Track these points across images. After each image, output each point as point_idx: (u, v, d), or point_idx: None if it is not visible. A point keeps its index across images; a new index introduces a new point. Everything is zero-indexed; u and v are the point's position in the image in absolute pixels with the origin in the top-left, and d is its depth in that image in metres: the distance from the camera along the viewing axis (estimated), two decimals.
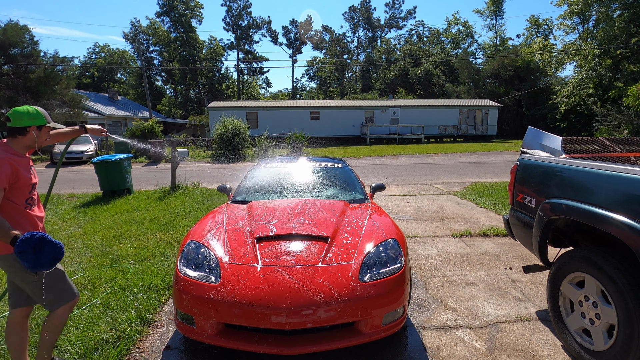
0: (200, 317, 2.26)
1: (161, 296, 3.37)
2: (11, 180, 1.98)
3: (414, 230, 5.48)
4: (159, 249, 4.56)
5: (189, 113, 49.37)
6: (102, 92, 40.00)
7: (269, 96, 64.37)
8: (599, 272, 2.16)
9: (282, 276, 2.29)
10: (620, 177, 2.08)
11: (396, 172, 12.79)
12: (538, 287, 3.53)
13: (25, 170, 2.07)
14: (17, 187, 2.04)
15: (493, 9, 44.11)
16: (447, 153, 19.61)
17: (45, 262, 1.80)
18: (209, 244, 2.65)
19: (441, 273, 3.90)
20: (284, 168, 4.45)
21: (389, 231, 2.82)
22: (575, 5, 27.72)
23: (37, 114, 2.14)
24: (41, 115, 2.15)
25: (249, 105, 30.33)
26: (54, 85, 20.21)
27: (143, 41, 50.20)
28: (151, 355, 2.55)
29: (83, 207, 7.29)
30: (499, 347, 2.58)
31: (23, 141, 2.12)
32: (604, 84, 26.68)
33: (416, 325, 2.87)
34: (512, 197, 3.18)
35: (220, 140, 19.40)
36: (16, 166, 2.01)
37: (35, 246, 1.78)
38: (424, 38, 57.65)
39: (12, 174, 1.98)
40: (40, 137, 2.17)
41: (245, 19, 55.20)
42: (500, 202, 7.12)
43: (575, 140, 3.29)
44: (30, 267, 1.78)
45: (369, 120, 28.56)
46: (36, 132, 2.13)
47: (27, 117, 2.10)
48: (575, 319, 2.43)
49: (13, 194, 2.04)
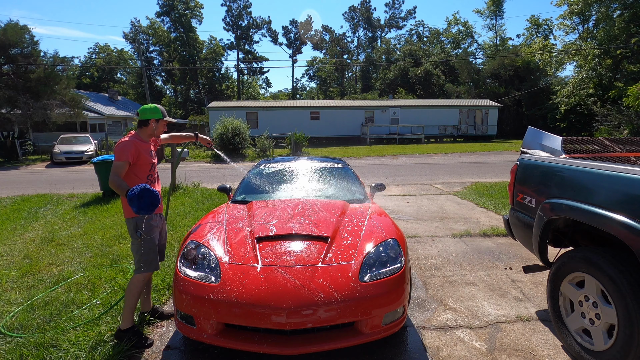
0: (200, 317, 2.26)
1: (161, 296, 3.37)
2: (135, 158, 2.59)
3: (414, 230, 5.48)
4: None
5: (189, 113, 49.36)
6: (102, 92, 40.00)
7: (269, 96, 64.37)
8: (599, 272, 2.16)
9: (282, 276, 2.29)
10: (620, 177, 2.08)
11: (396, 172, 12.79)
12: (538, 287, 3.53)
13: (146, 153, 2.67)
14: (140, 165, 2.64)
15: (493, 9, 44.08)
16: (447, 153, 19.61)
17: (144, 206, 2.30)
18: (209, 244, 2.65)
19: (441, 273, 3.90)
20: (284, 168, 4.44)
21: (389, 231, 2.82)
22: (575, 5, 27.69)
23: (156, 109, 2.75)
24: (159, 110, 2.76)
25: (249, 105, 30.32)
26: (54, 85, 20.18)
27: (143, 41, 50.17)
28: (151, 355, 2.55)
29: (83, 207, 7.29)
30: (499, 347, 2.58)
31: (146, 131, 2.75)
32: (604, 84, 26.66)
33: (416, 325, 2.87)
34: (512, 197, 3.18)
35: (220, 140, 19.40)
36: (139, 149, 2.62)
37: (139, 194, 2.28)
38: (424, 38, 57.62)
39: (135, 154, 2.59)
40: (158, 128, 2.79)
41: (245, 19, 55.18)
42: (500, 202, 7.12)
43: (575, 140, 3.29)
44: (136, 210, 2.29)
45: (369, 120, 28.56)
46: (155, 123, 2.75)
47: (149, 112, 2.73)
48: (575, 319, 2.43)
49: (137, 170, 2.64)
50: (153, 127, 2.74)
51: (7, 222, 6.18)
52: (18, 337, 2.67)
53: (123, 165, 2.51)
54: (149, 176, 2.71)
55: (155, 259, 2.68)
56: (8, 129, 20.62)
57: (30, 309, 3.09)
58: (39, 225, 5.99)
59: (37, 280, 3.73)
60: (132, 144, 2.59)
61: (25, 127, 21.76)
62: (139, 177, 2.64)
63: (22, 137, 21.04)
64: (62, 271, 3.96)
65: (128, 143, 2.58)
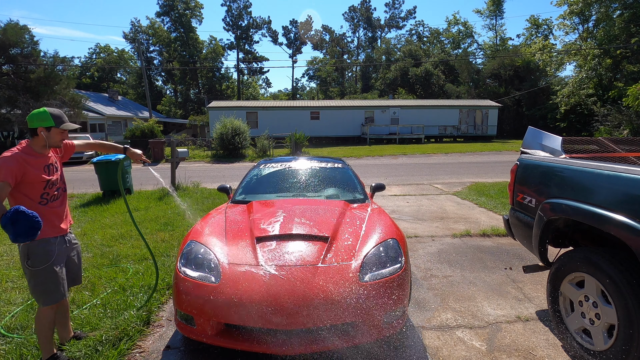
0: (200, 317, 2.25)
1: (161, 296, 3.37)
2: (18, 176, 2.10)
3: (414, 230, 5.48)
4: (159, 249, 4.55)
5: (189, 113, 49.37)
6: (102, 92, 40.01)
7: (269, 96, 64.36)
8: (599, 272, 2.16)
9: (282, 276, 2.29)
10: (620, 177, 2.08)
11: (396, 172, 12.79)
12: (538, 287, 3.53)
13: (36, 168, 2.19)
14: (27, 183, 2.17)
15: (493, 9, 44.08)
16: (447, 153, 19.61)
17: (21, 232, 1.89)
18: (209, 244, 2.65)
19: (441, 273, 3.90)
20: (284, 168, 4.44)
21: (389, 231, 2.82)
22: (575, 5, 27.70)
23: (44, 114, 2.22)
24: (49, 116, 2.22)
25: (249, 105, 30.33)
26: (54, 85, 20.20)
27: (143, 41, 50.18)
28: (151, 355, 2.55)
29: (83, 207, 7.28)
30: (499, 347, 2.58)
31: (37, 141, 2.24)
32: (604, 84, 26.66)
33: (416, 325, 2.87)
34: (512, 197, 3.18)
35: (220, 140, 19.41)
36: (25, 164, 2.14)
37: (11, 218, 1.86)
38: (424, 38, 57.62)
39: (19, 171, 2.10)
40: (51, 137, 2.26)
41: (245, 19, 55.19)
42: (500, 202, 7.12)
43: (575, 140, 3.29)
44: (12, 238, 1.89)
45: (369, 120, 28.56)
46: (45, 132, 2.22)
47: (36, 119, 2.21)
48: (575, 319, 2.43)
49: (26, 189, 2.19)
50: (44, 137, 2.22)
51: None
52: (18, 337, 2.67)
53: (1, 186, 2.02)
54: (44, 195, 2.25)
55: (56, 290, 2.26)
56: (8, 129, 20.63)
57: (30, 309, 3.09)
58: None
59: None
60: (14, 159, 2.10)
61: (25, 127, 21.75)
62: (29, 197, 2.19)
63: (22, 137, 21.05)
64: None
65: (8, 159, 2.09)
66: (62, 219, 2.38)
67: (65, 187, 2.46)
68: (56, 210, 2.33)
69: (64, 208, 2.42)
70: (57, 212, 2.33)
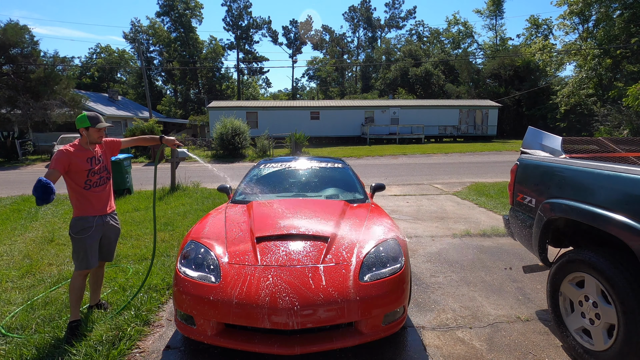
0: (200, 317, 2.25)
1: (161, 296, 3.37)
2: (65, 167, 2.65)
3: (414, 230, 5.48)
4: (159, 249, 4.55)
5: (189, 113, 49.36)
6: (102, 92, 39.96)
7: (269, 96, 64.34)
8: (599, 272, 2.16)
9: (282, 276, 2.29)
10: (620, 177, 2.08)
11: (396, 172, 12.79)
12: (538, 287, 3.53)
13: (79, 160, 2.73)
14: (74, 172, 2.72)
15: (493, 9, 44.06)
16: (447, 153, 19.61)
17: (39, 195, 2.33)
18: (209, 244, 2.65)
19: (441, 273, 3.90)
20: (284, 168, 4.44)
21: (389, 231, 2.82)
22: (575, 5, 27.67)
23: (83, 118, 2.79)
24: (86, 119, 2.78)
25: (249, 105, 30.32)
26: (54, 85, 20.18)
27: (143, 41, 50.17)
28: (151, 355, 2.55)
29: None
30: (499, 347, 2.58)
31: (83, 139, 2.82)
32: (604, 84, 26.67)
33: (416, 325, 2.87)
34: (512, 197, 3.18)
35: (220, 140, 19.40)
36: (71, 157, 2.68)
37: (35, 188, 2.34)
38: (424, 38, 57.60)
39: (66, 162, 2.65)
40: (90, 135, 2.81)
41: (245, 19, 55.18)
42: (500, 202, 7.12)
43: (575, 140, 3.29)
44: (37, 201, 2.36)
45: (369, 120, 28.55)
46: (85, 132, 2.79)
47: (78, 122, 2.80)
48: (575, 319, 2.43)
49: (73, 177, 2.73)
50: (85, 135, 2.79)
51: (7, 222, 6.18)
52: (18, 337, 2.67)
53: (52, 172, 2.55)
54: (87, 181, 2.77)
55: (85, 258, 2.75)
56: (8, 129, 20.64)
57: (30, 309, 3.09)
58: (39, 225, 5.99)
59: (37, 280, 3.73)
60: (63, 153, 2.67)
61: (25, 127, 21.77)
62: (76, 183, 2.74)
63: (22, 137, 21.06)
64: (62, 271, 3.96)
65: (59, 153, 2.67)
66: (103, 202, 2.87)
67: (110, 176, 2.98)
68: (98, 194, 2.83)
69: (107, 194, 2.93)
70: (99, 196, 2.83)
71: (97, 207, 2.82)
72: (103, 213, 2.88)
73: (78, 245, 2.74)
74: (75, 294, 2.76)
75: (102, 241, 2.92)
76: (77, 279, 2.77)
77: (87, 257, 2.76)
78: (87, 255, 2.76)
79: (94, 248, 2.81)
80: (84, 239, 2.73)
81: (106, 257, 3.02)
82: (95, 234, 2.81)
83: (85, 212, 2.77)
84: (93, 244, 2.79)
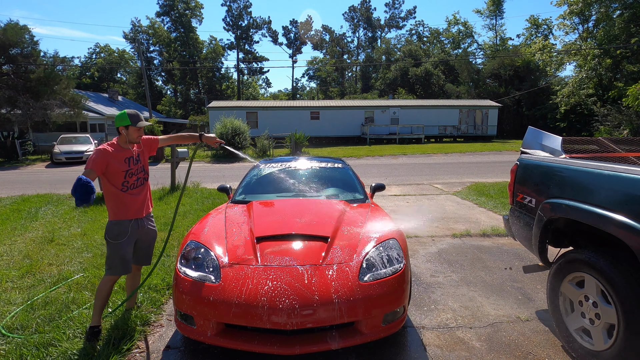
0: (200, 317, 2.26)
1: (161, 296, 3.37)
2: (102, 167, 2.54)
3: (414, 230, 5.48)
4: (158, 249, 4.55)
5: (189, 113, 49.37)
6: (102, 92, 39.98)
7: (269, 96, 64.34)
8: (599, 272, 2.16)
9: (282, 276, 2.29)
10: (620, 177, 2.08)
11: (396, 172, 12.79)
12: (538, 287, 3.53)
13: (117, 161, 2.60)
14: (111, 173, 2.60)
15: (493, 9, 44.04)
16: (447, 153, 19.60)
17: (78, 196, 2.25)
18: (209, 244, 2.65)
19: (441, 273, 3.90)
20: (284, 168, 4.44)
21: (389, 231, 2.82)
22: (575, 5, 27.67)
23: (124, 116, 2.64)
24: (126, 117, 2.63)
25: (249, 105, 30.31)
26: (54, 85, 20.17)
27: (143, 41, 50.16)
28: (151, 355, 2.55)
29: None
30: (499, 347, 2.58)
31: (121, 138, 2.70)
32: (604, 84, 26.66)
33: (416, 325, 2.87)
34: (512, 197, 3.18)
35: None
36: (108, 157, 2.56)
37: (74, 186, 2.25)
38: (424, 38, 57.59)
39: (103, 163, 2.54)
40: (130, 134, 2.67)
41: (245, 19, 55.17)
42: (500, 202, 7.12)
43: (575, 140, 3.29)
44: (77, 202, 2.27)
45: (369, 120, 28.55)
46: (125, 130, 2.66)
47: (118, 120, 2.66)
48: (575, 318, 2.43)
49: (110, 178, 2.62)
50: (124, 134, 2.67)
51: (7, 222, 6.18)
52: (18, 337, 2.67)
53: (89, 172, 2.44)
54: (124, 182, 2.65)
55: (119, 265, 2.66)
56: (8, 129, 20.63)
57: (30, 309, 3.08)
58: (39, 225, 5.99)
59: (37, 280, 3.72)
60: (101, 152, 2.55)
61: (25, 127, 21.75)
62: (113, 184, 2.63)
63: (22, 137, 21.03)
64: (62, 271, 3.96)
65: (97, 152, 2.56)
66: (140, 205, 2.75)
67: (147, 176, 2.86)
68: (135, 197, 2.72)
69: (144, 196, 2.81)
70: (136, 199, 2.72)
71: (133, 210, 2.71)
72: (139, 216, 2.76)
73: (113, 250, 2.65)
74: (101, 299, 2.67)
75: (138, 245, 2.82)
76: (107, 284, 2.67)
77: (122, 263, 2.67)
78: (121, 262, 2.67)
79: (129, 253, 2.71)
80: (119, 244, 2.63)
81: (143, 261, 2.93)
82: (131, 239, 2.72)
83: (121, 216, 2.67)
84: (128, 249, 2.70)
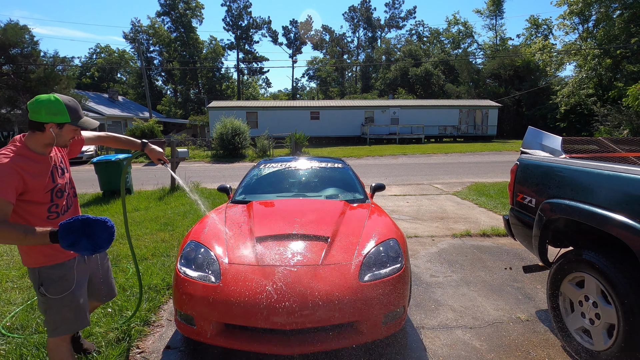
0: (200, 317, 2.25)
1: (161, 296, 3.36)
2: (15, 190, 1.59)
3: (414, 230, 5.48)
4: (159, 249, 4.55)
5: (189, 113, 49.38)
6: (102, 92, 40.01)
7: (269, 96, 64.36)
8: (599, 272, 2.16)
9: (282, 276, 2.29)
10: (620, 177, 2.08)
11: (396, 172, 12.79)
12: (538, 287, 3.53)
13: (38, 176, 1.68)
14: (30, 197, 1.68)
15: (493, 9, 44.07)
16: (447, 153, 19.61)
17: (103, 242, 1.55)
18: (209, 244, 2.65)
19: (441, 273, 3.90)
20: (284, 168, 4.44)
21: (389, 231, 2.82)
22: (575, 5, 27.69)
23: (58, 107, 1.67)
24: (64, 110, 1.68)
25: (249, 105, 30.33)
26: (54, 85, 20.21)
27: (143, 41, 50.19)
28: (151, 355, 2.55)
29: (83, 207, 7.28)
30: (499, 347, 2.58)
31: (41, 139, 1.70)
32: (604, 84, 26.66)
33: (416, 325, 2.87)
34: (512, 197, 3.18)
35: (220, 140, 19.41)
36: (22, 173, 1.61)
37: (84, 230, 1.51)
38: (424, 38, 57.61)
39: (18, 184, 1.60)
40: (63, 135, 1.74)
41: (245, 19, 55.18)
42: (500, 202, 7.12)
43: (575, 140, 3.29)
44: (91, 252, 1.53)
45: (369, 120, 28.56)
46: (55, 129, 1.69)
47: (45, 111, 1.64)
48: (575, 318, 2.43)
49: (26, 206, 1.69)
50: (52, 135, 1.69)
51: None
52: (18, 337, 2.67)
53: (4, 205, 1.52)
54: (52, 207, 1.76)
55: (74, 319, 1.85)
56: (8, 129, 20.66)
57: (30, 309, 3.08)
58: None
59: None
60: (9, 171, 1.57)
61: (25, 127, 21.76)
62: (33, 214, 1.70)
63: None
64: None
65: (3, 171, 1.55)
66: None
67: (75, 191, 2.01)
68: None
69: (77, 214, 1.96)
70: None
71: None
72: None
73: (59, 305, 1.79)
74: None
75: (93, 281, 2.07)
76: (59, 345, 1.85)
77: (78, 316, 1.86)
78: (78, 314, 1.86)
79: (85, 299, 1.92)
80: (66, 296, 1.79)
81: (108, 296, 2.24)
82: (82, 282, 1.91)
83: (59, 257, 1.78)
84: (82, 293, 1.89)
